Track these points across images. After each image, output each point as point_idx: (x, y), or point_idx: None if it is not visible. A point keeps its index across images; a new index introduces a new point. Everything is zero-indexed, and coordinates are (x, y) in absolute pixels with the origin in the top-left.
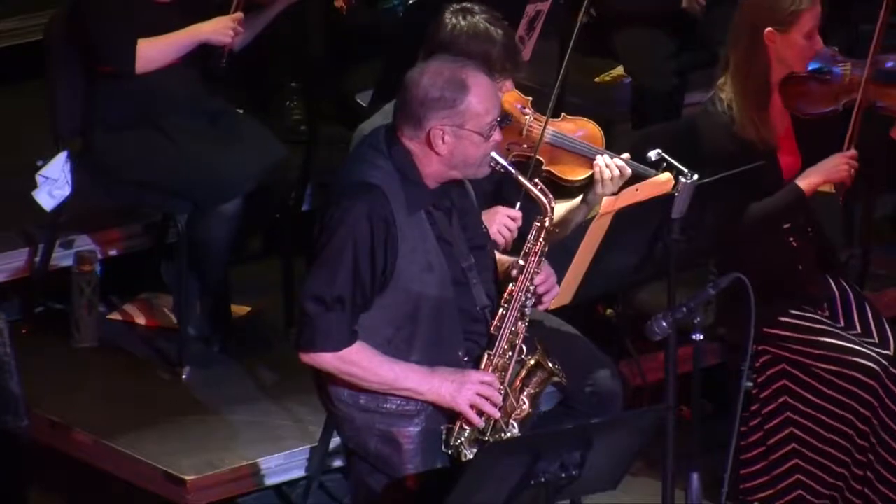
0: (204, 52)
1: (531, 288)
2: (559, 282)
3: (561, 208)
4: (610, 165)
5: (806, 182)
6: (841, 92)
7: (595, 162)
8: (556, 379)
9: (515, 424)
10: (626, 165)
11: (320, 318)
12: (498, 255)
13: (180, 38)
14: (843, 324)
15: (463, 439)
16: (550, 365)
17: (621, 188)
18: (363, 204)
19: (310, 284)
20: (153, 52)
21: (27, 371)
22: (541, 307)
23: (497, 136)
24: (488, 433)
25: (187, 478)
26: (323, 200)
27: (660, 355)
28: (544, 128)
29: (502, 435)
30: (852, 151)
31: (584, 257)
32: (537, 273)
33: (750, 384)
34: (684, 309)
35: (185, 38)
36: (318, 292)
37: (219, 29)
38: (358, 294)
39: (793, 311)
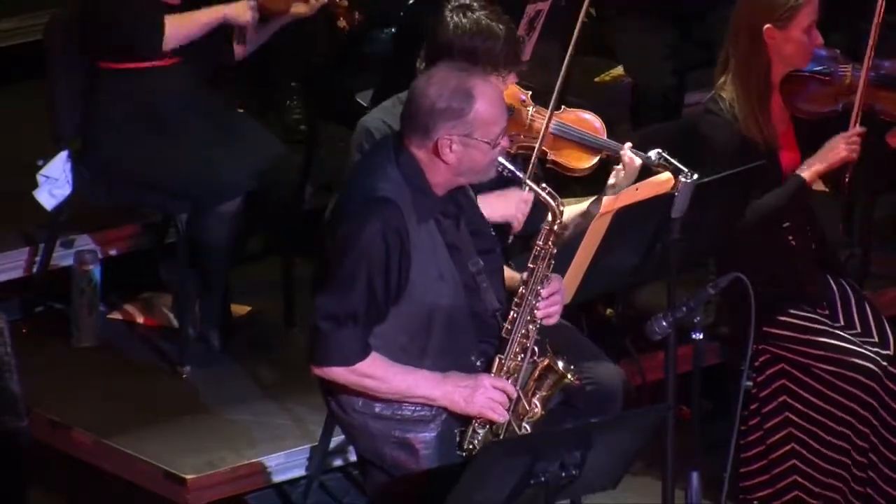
0: (206, 52)
1: (541, 291)
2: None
3: (572, 210)
4: (634, 159)
5: (808, 172)
6: (840, 93)
7: (622, 153)
8: (567, 381)
9: (528, 427)
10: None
11: (333, 334)
12: (507, 272)
13: (202, 17)
14: (842, 323)
15: (476, 442)
16: (562, 367)
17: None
18: (376, 221)
19: (322, 303)
20: (178, 28)
21: (27, 371)
22: (548, 321)
23: (504, 142)
24: (502, 435)
25: (187, 477)
26: (324, 209)
27: (660, 355)
28: (549, 119)
29: None
30: (855, 129)
31: (583, 257)
32: (546, 276)
33: (750, 384)
34: (684, 308)
35: (206, 16)
36: (331, 311)
37: (238, 9)
38: (372, 310)
39: (792, 311)
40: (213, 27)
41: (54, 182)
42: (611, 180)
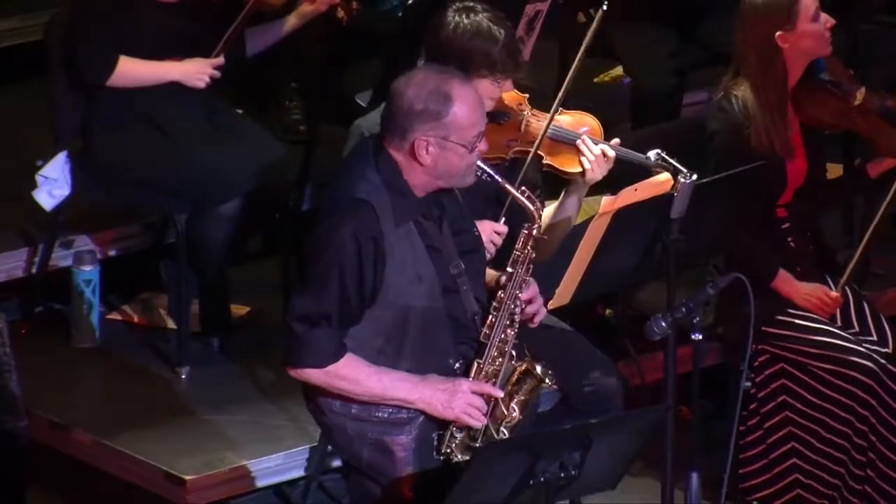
0: (206, 53)
1: (520, 295)
2: (559, 281)
3: (546, 212)
4: (590, 146)
5: (781, 287)
6: (847, 112)
7: (576, 142)
8: (545, 385)
9: (506, 432)
10: (608, 148)
11: (306, 335)
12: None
13: (156, 71)
14: (840, 323)
15: (454, 446)
16: (539, 371)
17: (616, 185)
18: (350, 223)
19: (296, 304)
20: (132, 72)
21: (27, 371)
22: (532, 324)
23: (482, 146)
24: (479, 440)
25: (187, 478)
26: (317, 211)
27: (659, 355)
28: (548, 123)
29: None
30: (837, 295)
31: (583, 257)
32: (525, 281)
33: (749, 384)
34: (684, 309)
35: (160, 71)
36: (305, 311)
37: (192, 74)
38: (345, 311)
39: (791, 311)
40: (163, 81)
41: (53, 182)
42: (586, 165)
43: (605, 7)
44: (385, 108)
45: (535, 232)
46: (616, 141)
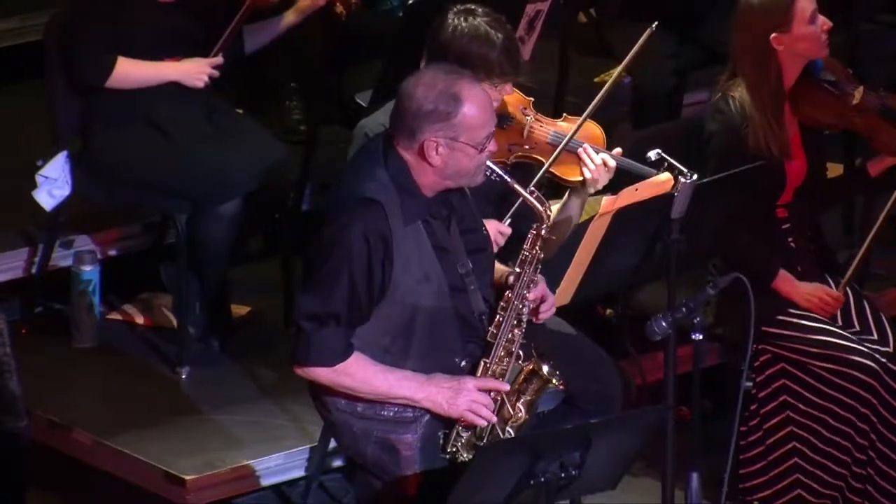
0: (206, 52)
1: (528, 295)
2: (559, 281)
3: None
4: (591, 155)
5: (783, 284)
6: (845, 111)
7: (577, 151)
8: (551, 385)
9: (512, 431)
10: (609, 158)
11: (315, 333)
12: (497, 265)
13: (154, 72)
14: (841, 322)
15: (460, 445)
16: (546, 371)
17: (616, 186)
18: (359, 222)
19: (305, 303)
20: (130, 73)
21: (27, 371)
22: (536, 320)
23: (492, 147)
24: (485, 439)
25: (187, 478)
26: (323, 209)
27: (660, 355)
28: (570, 136)
29: None
30: (838, 294)
31: (583, 257)
32: (533, 281)
33: (749, 384)
34: (684, 309)
35: (159, 72)
36: (313, 310)
37: (191, 73)
38: (354, 311)
39: (791, 310)
40: (161, 82)
41: (53, 182)
42: (587, 174)
43: (654, 27)
44: (394, 108)
45: (543, 232)
46: (618, 150)
